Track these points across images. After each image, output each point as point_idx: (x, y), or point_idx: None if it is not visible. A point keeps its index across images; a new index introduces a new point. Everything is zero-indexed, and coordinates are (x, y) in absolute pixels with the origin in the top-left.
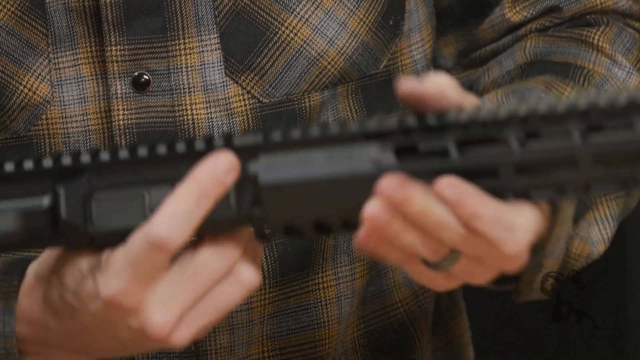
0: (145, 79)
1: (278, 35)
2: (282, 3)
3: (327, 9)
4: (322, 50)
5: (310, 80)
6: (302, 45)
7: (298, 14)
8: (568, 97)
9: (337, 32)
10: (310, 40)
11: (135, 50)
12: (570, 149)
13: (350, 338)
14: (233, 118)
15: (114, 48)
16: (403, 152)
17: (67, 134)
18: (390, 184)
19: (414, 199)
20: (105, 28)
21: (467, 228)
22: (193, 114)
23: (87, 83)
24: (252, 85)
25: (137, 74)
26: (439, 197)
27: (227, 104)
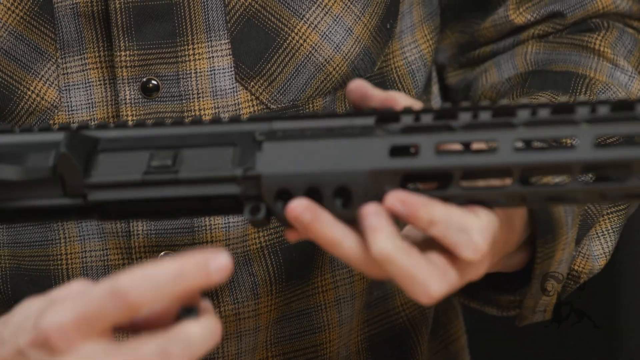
0: (154, 85)
1: (288, 41)
2: (292, 9)
3: (335, 15)
4: (328, 56)
5: (316, 86)
6: (310, 52)
7: (307, 20)
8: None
9: (343, 38)
10: (319, 46)
11: (145, 56)
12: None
13: (355, 342)
14: None
15: (123, 53)
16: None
17: None
18: (299, 208)
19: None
20: (115, 33)
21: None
22: None
23: (95, 88)
24: (260, 91)
25: (145, 80)
26: (391, 212)
27: (236, 110)
